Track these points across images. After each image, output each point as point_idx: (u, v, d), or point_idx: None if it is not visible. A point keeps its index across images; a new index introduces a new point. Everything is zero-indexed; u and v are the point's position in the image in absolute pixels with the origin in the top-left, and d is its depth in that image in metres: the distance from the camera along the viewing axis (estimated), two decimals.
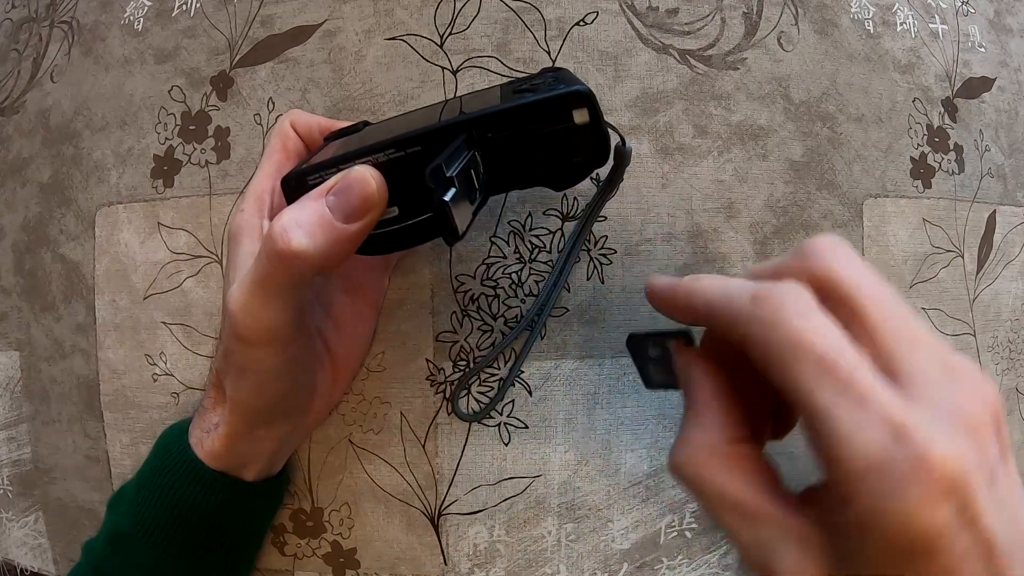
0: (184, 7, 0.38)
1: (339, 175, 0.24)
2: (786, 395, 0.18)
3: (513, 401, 0.36)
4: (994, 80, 0.42)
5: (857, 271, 0.19)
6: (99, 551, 0.31)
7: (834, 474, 0.18)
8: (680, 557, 0.37)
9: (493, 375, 0.35)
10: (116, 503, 0.32)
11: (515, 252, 0.35)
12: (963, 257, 0.41)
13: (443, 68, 0.35)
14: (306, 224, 0.24)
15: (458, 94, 0.35)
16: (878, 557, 0.17)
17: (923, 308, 0.39)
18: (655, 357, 0.26)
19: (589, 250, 0.35)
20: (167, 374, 0.37)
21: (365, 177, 0.24)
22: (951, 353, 0.19)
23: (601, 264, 0.35)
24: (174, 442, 0.31)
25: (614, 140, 0.28)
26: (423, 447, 0.36)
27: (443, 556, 0.36)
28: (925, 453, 0.16)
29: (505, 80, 0.34)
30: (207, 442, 0.30)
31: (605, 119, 0.26)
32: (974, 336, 0.41)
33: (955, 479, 0.17)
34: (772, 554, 0.19)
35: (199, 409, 0.31)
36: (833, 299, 0.19)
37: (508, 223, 0.35)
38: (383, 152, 0.25)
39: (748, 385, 0.22)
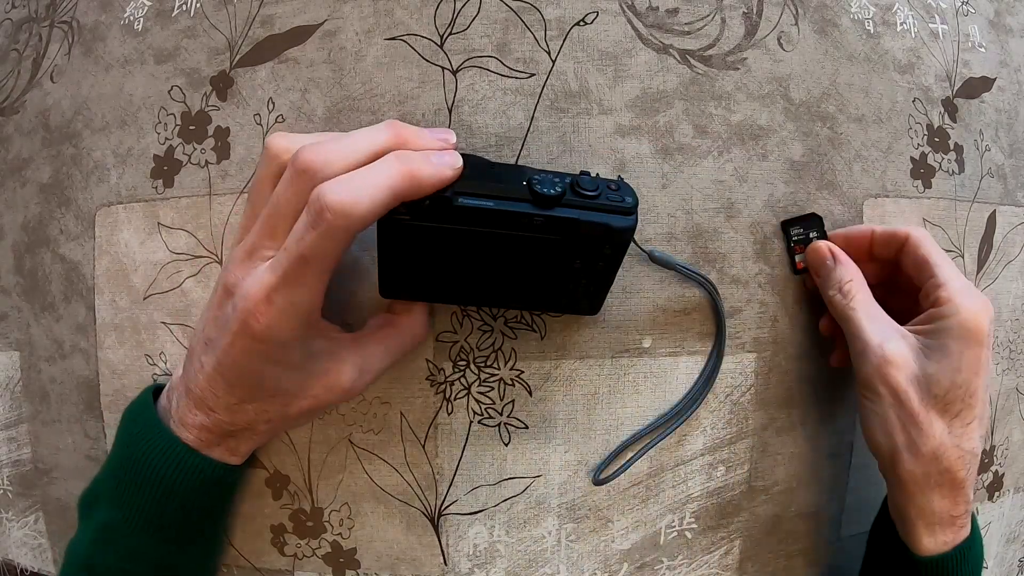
0: (184, 7, 0.38)
1: None
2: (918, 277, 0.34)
3: (513, 401, 0.36)
4: (994, 80, 0.42)
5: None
6: (87, 548, 0.31)
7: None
8: (680, 557, 0.37)
9: (493, 375, 0.35)
10: (91, 500, 0.32)
11: None
12: (963, 257, 0.41)
13: (443, 68, 0.35)
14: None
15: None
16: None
17: None
18: (798, 238, 0.37)
19: None
20: (167, 374, 0.37)
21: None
22: None
23: None
24: (148, 425, 0.31)
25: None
26: (423, 447, 0.36)
27: (443, 556, 0.36)
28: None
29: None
30: (190, 426, 0.30)
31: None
32: None
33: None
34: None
35: (176, 394, 0.31)
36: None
37: None
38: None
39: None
